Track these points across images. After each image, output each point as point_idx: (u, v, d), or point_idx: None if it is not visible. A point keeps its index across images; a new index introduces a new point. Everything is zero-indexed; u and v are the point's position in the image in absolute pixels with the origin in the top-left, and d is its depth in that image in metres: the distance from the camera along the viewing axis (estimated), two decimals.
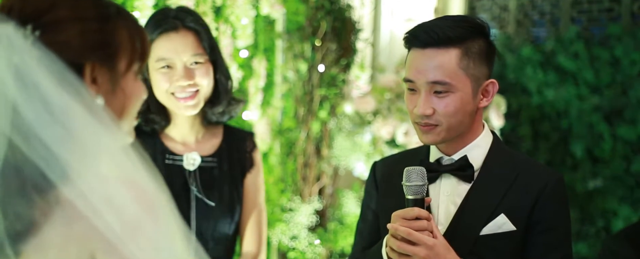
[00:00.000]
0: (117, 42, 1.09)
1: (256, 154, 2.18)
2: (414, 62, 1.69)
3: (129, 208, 1.00)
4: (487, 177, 1.74)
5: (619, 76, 4.70)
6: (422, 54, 1.68)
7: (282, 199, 3.88)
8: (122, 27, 1.10)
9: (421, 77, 1.67)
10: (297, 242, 3.78)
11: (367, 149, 3.94)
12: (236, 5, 3.51)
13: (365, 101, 4.00)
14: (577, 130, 4.84)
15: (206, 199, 2.03)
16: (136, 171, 1.02)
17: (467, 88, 1.68)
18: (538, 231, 1.70)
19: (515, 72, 5.12)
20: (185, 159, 2.06)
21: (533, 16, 5.28)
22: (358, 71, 4.03)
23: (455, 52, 1.66)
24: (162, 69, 1.99)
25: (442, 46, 1.66)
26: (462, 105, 1.68)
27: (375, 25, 5.02)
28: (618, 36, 4.74)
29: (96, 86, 1.07)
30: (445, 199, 1.74)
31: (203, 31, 2.02)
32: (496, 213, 1.69)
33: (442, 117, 1.68)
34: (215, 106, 2.07)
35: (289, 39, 3.93)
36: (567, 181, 4.66)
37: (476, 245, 1.68)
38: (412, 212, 1.62)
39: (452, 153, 1.76)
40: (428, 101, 1.67)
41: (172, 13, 2.03)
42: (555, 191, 1.72)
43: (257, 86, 3.83)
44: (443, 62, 1.66)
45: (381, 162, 1.93)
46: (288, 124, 3.95)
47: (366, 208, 1.91)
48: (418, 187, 1.63)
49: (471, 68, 1.68)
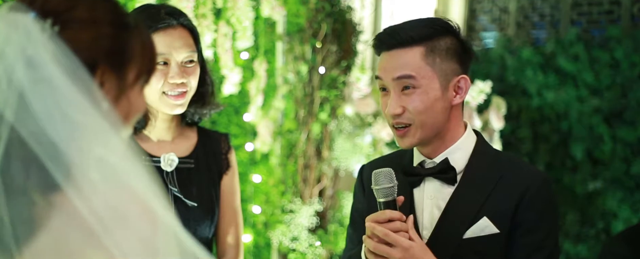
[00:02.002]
0: (129, 52, 1.09)
1: (231, 156, 2.14)
2: (382, 63, 1.73)
3: (130, 213, 0.99)
4: (470, 180, 1.73)
5: (618, 78, 4.71)
6: (388, 55, 1.72)
7: (282, 201, 3.89)
8: (137, 38, 1.10)
9: (388, 75, 1.70)
10: (297, 243, 3.78)
11: (367, 150, 3.95)
12: (237, 7, 3.51)
13: (365, 102, 4.01)
14: (577, 132, 4.85)
15: (186, 200, 2.00)
16: (137, 175, 1.02)
17: (434, 83, 1.69)
18: (521, 233, 1.68)
19: (515, 74, 5.13)
20: (163, 160, 2.01)
21: (533, 18, 5.29)
22: (358, 72, 4.04)
23: (419, 50, 1.68)
24: (157, 64, 1.95)
25: (406, 46, 1.69)
26: (431, 101, 1.68)
27: (375, 27, 5.03)
28: (618, 38, 4.75)
29: (103, 91, 1.06)
30: (429, 203, 1.73)
31: (195, 30, 2.01)
32: (479, 216, 1.68)
33: (413, 115, 1.68)
34: (202, 108, 2.04)
35: (290, 40, 3.93)
36: (567, 182, 4.68)
37: (460, 248, 1.67)
38: (384, 215, 1.62)
39: (433, 156, 1.75)
40: (397, 100, 1.69)
41: (166, 9, 2.00)
42: (539, 192, 1.70)
43: (258, 88, 3.83)
44: (407, 59, 1.69)
45: (368, 166, 1.91)
46: (288, 125, 3.95)
47: (355, 212, 1.90)
48: (387, 190, 1.63)
49: (438, 64, 1.69)
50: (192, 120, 2.08)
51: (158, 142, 2.05)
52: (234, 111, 3.92)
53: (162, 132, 2.04)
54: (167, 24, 1.95)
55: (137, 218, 1.00)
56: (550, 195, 1.73)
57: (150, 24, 1.94)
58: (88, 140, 0.99)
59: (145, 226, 1.00)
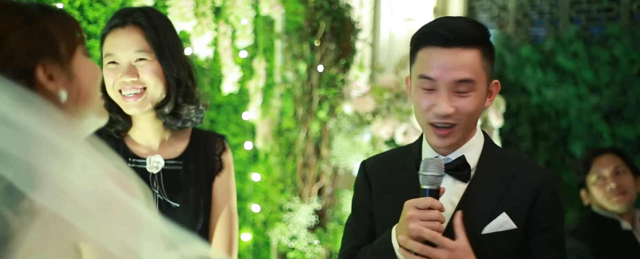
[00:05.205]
0: (53, 36, 1.14)
1: (226, 157, 2.14)
2: (435, 60, 1.67)
3: (102, 197, 1.03)
4: (483, 176, 1.75)
5: (618, 76, 4.71)
6: (444, 52, 1.66)
7: (281, 200, 3.89)
8: (51, 21, 1.15)
9: (446, 76, 1.66)
10: (296, 242, 3.78)
11: (366, 149, 3.95)
12: (236, 6, 3.51)
13: (364, 101, 4.01)
14: (577, 130, 4.85)
15: (169, 201, 2.00)
16: (101, 164, 1.06)
17: (484, 87, 1.71)
18: (539, 229, 1.71)
19: (514, 72, 5.12)
20: (148, 161, 2.02)
21: (532, 16, 5.28)
22: (357, 71, 4.04)
23: (478, 52, 1.67)
24: (109, 64, 1.96)
25: (465, 45, 1.66)
26: (480, 104, 1.70)
27: (374, 25, 5.03)
28: (617, 36, 4.74)
29: (54, 82, 1.12)
30: (443, 199, 1.73)
31: (150, 28, 1.96)
32: (497, 211, 1.70)
33: (463, 116, 1.68)
34: (161, 107, 2.00)
35: (288, 39, 3.93)
36: (567, 180, 4.67)
37: (479, 245, 1.68)
38: (426, 201, 1.62)
39: (448, 153, 1.76)
40: (450, 100, 1.67)
41: (126, 10, 2.00)
42: (551, 188, 1.74)
43: (257, 86, 3.83)
44: (468, 61, 1.66)
45: (372, 161, 1.92)
46: (287, 124, 3.95)
47: (359, 206, 1.90)
48: (434, 178, 1.63)
49: (488, 69, 1.70)
50: (178, 125, 2.05)
51: (147, 145, 2.05)
52: (233, 110, 3.92)
53: (149, 135, 2.05)
54: (117, 23, 1.97)
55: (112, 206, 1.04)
56: (558, 192, 1.78)
57: (105, 26, 1.98)
58: (42, 146, 1.02)
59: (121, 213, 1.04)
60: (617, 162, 3.17)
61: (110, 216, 1.02)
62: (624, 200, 3.09)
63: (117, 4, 3.00)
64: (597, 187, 3.15)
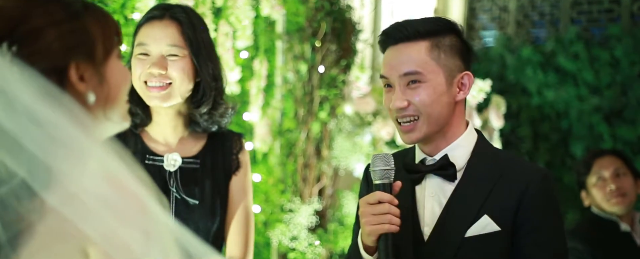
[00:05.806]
0: (91, 35, 1.11)
1: (243, 156, 2.12)
2: (387, 58, 1.76)
3: (115, 202, 1.01)
4: (470, 177, 1.73)
5: (618, 77, 4.71)
6: (394, 50, 1.74)
7: (282, 200, 3.89)
8: (92, 20, 1.12)
9: (394, 72, 1.72)
10: (297, 243, 3.78)
11: (367, 149, 3.95)
12: (236, 7, 3.51)
13: (365, 101, 4.01)
14: (577, 131, 4.85)
15: (187, 198, 1.99)
16: (118, 169, 1.03)
17: (439, 78, 1.71)
18: (525, 232, 1.68)
19: (515, 72, 5.12)
20: (166, 159, 2.01)
21: (533, 17, 5.28)
22: (358, 71, 4.03)
23: (425, 44, 1.71)
24: (139, 55, 1.96)
25: (412, 40, 1.72)
26: (436, 95, 1.70)
27: (375, 26, 5.03)
28: (618, 37, 4.74)
29: (84, 84, 1.09)
30: (430, 200, 1.74)
31: (188, 25, 1.96)
32: (480, 214, 1.69)
33: (419, 107, 1.70)
34: (199, 107, 2.00)
35: (289, 40, 3.93)
36: (567, 181, 4.67)
37: (462, 247, 1.68)
38: (374, 196, 1.65)
39: (434, 153, 1.76)
40: (402, 94, 1.71)
41: (166, 5, 2.02)
42: (540, 189, 1.70)
43: (258, 87, 3.83)
44: (413, 54, 1.71)
45: None
46: (288, 125, 3.95)
47: None
48: (382, 172, 1.66)
49: (443, 59, 1.71)
50: (205, 128, 2.05)
51: (165, 142, 2.04)
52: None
53: (167, 132, 2.04)
54: (155, 15, 1.97)
55: (124, 212, 1.02)
56: (551, 191, 1.73)
57: (143, 17, 1.99)
58: (63, 147, 1.00)
59: (133, 220, 1.02)
60: (617, 164, 3.17)
61: (120, 223, 1.00)
62: (624, 202, 3.10)
63: (117, 4, 3.00)
64: (597, 188, 3.15)
